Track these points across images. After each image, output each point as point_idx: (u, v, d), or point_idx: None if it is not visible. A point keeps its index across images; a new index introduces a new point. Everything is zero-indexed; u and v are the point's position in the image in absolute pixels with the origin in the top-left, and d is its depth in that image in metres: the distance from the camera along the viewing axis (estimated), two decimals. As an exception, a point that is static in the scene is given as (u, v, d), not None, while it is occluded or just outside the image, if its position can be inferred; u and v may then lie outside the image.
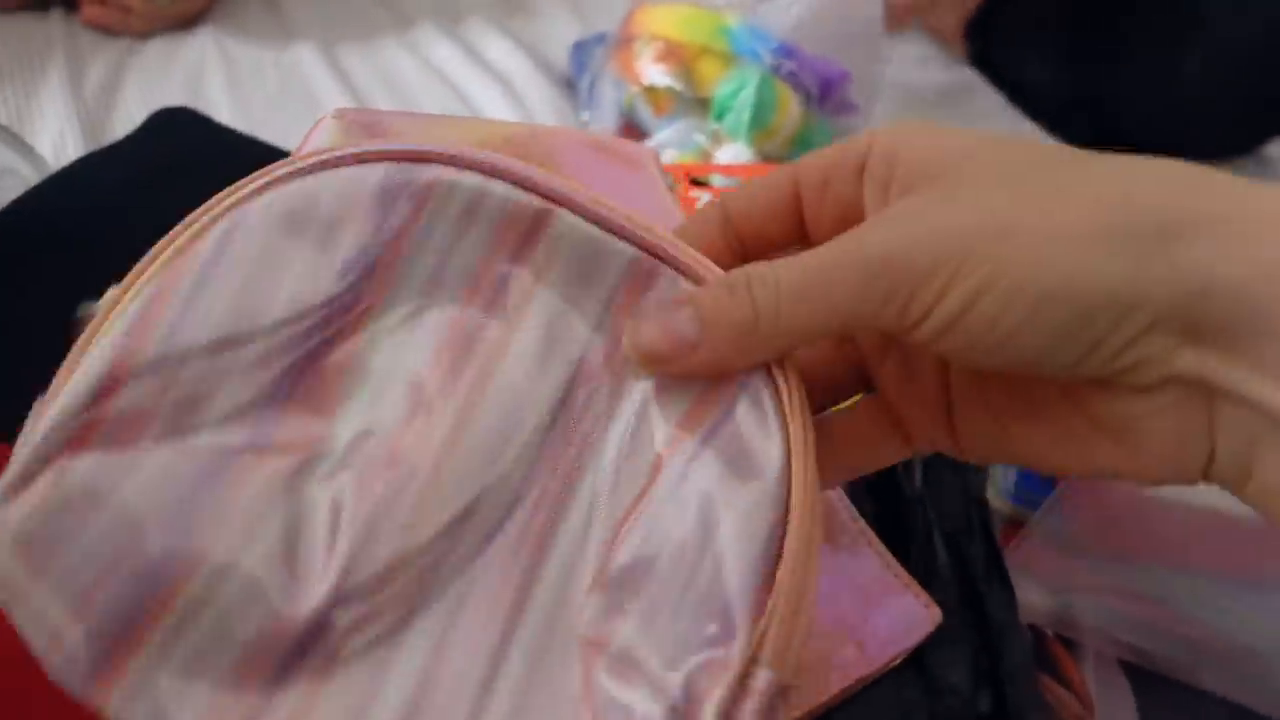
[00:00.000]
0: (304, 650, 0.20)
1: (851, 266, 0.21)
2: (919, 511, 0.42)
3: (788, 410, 0.22)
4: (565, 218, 0.23)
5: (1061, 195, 0.21)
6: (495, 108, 0.66)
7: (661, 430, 0.22)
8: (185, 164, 0.41)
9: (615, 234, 0.23)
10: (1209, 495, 0.41)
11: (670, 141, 0.60)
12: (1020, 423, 0.24)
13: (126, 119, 0.58)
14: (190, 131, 0.44)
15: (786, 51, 0.59)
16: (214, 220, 0.22)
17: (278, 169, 0.23)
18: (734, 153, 0.57)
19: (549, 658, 0.21)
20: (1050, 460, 0.24)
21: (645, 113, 0.61)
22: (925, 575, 0.40)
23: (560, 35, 0.74)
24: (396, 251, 0.22)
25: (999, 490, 0.46)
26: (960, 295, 0.20)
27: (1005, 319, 0.20)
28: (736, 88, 0.58)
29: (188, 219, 0.22)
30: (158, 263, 0.21)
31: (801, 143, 0.61)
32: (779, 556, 0.21)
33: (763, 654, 0.20)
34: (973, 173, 0.22)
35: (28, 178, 0.42)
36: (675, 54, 0.60)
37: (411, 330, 0.23)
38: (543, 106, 0.67)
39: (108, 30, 0.65)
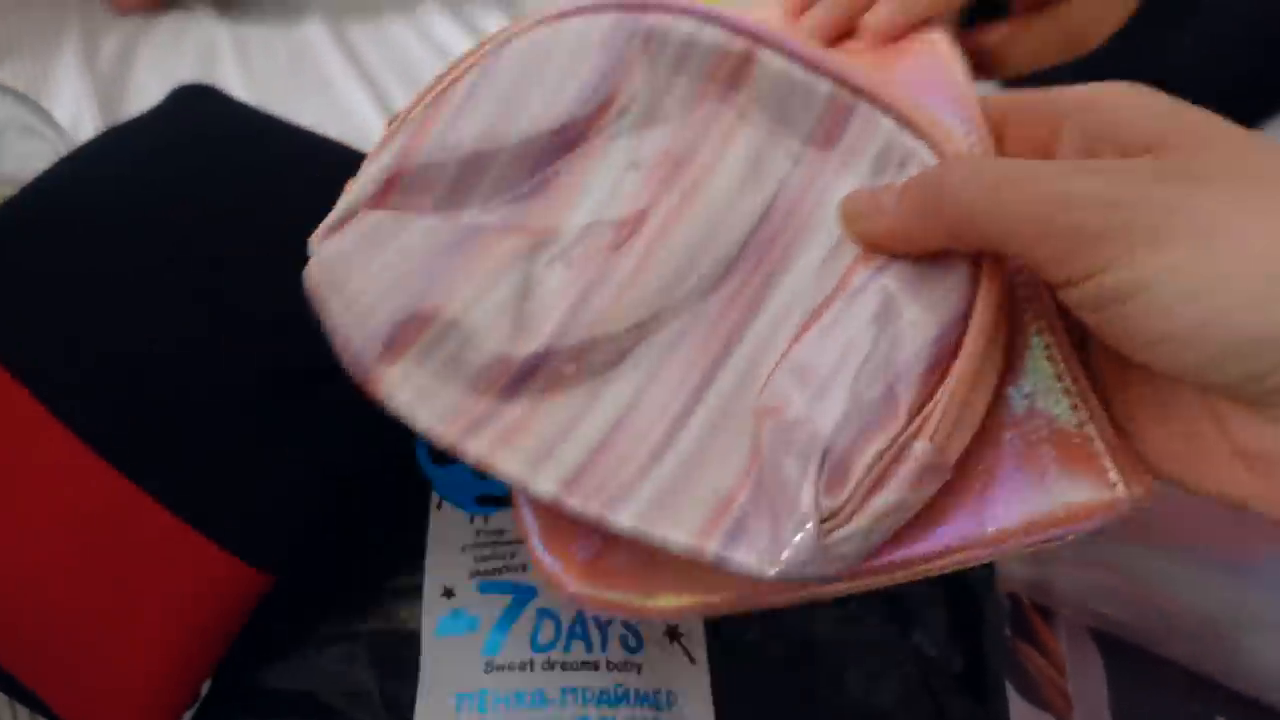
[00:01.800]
0: (525, 379, 0.25)
1: (1046, 197, 0.20)
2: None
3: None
4: (768, 58, 0.26)
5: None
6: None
7: (846, 257, 0.26)
8: (211, 140, 0.42)
9: (815, 72, 0.26)
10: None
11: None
12: (1153, 426, 0.23)
13: (141, 93, 0.60)
14: (214, 108, 0.45)
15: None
16: (470, 66, 0.27)
17: (524, 21, 0.28)
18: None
19: (730, 420, 0.25)
20: (1175, 472, 0.23)
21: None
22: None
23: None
24: (620, 87, 0.27)
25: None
26: (1133, 273, 0.19)
27: (1176, 317, 0.19)
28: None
29: (450, 65, 0.28)
30: (425, 101, 0.27)
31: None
32: (955, 351, 0.24)
33: (925, 429, 0.23)
34: (1203, 164, 0.20)
35: (54, 141, 0.44)
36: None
37: (632, 153, 0.27)
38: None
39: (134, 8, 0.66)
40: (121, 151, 0.44)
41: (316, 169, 0.44)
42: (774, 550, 0.23)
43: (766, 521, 0.23)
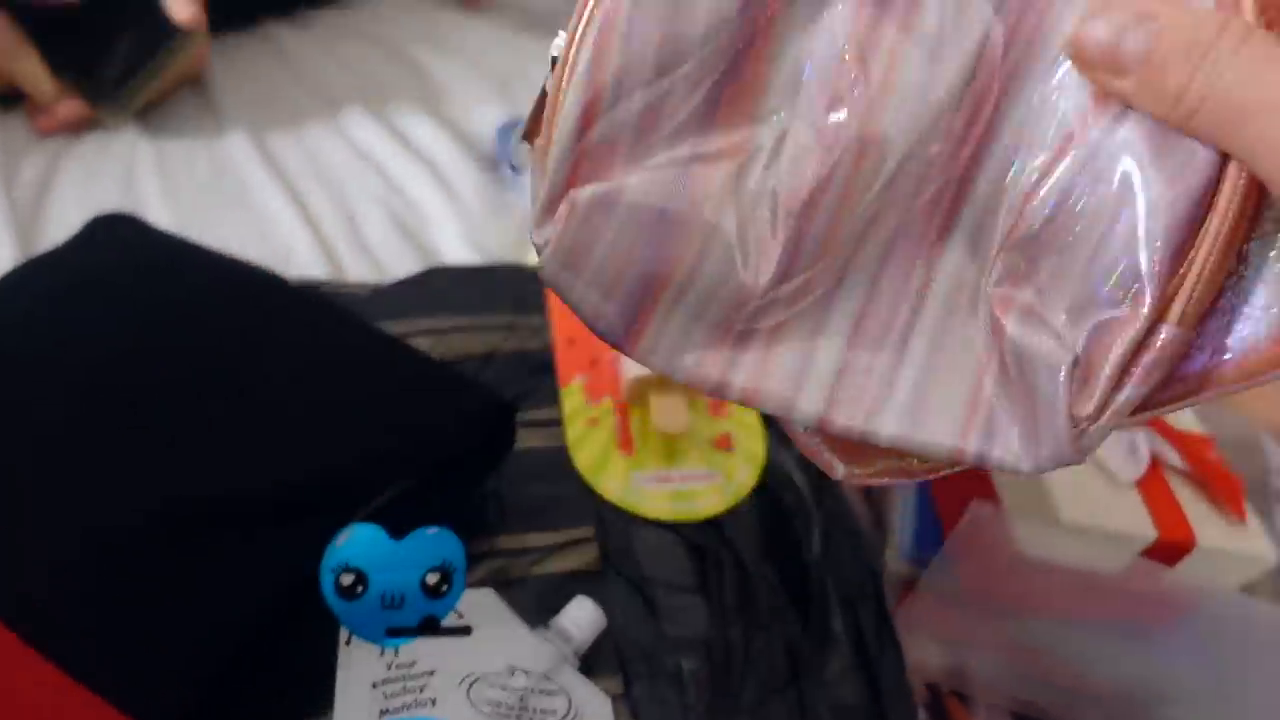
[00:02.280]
0: (765, 310, 0.25)
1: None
2: (817, 577, 0.45)
3: None
4: None
5: None
6: (423, 191, 0.69)
7: (1074, 100, 0.23)
8: (125, 272, 0.43)
9: None
10: (1081, 551, 0.44)
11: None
12: None
13: (59, 218, 0.60)
14: (130, 238, 0.45)
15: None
16: None
17: None
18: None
19: (959, 312, 0.25)
20: None
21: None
22: (821, 640, 0.43)
23: (487, 116, 0.77)
24: None
25: (897, 552, 0.49)
26: None
27: None
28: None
29: None
30: (588, 8, 0.24)
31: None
32: (1202, 222, 0.22)
33: (1170, 313, 0.22)
34: None
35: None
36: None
37: (814, 31, 0.25)
38: (470, 190, 0.69)
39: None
40: (34, 288, 0.44)
41: (232, 296, 0.44)
42: (1030, 451, 0.24)
43: (1018, 422, 0.24)
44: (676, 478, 0.47)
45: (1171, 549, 0.43)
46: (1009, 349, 0.24)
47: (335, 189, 0.68)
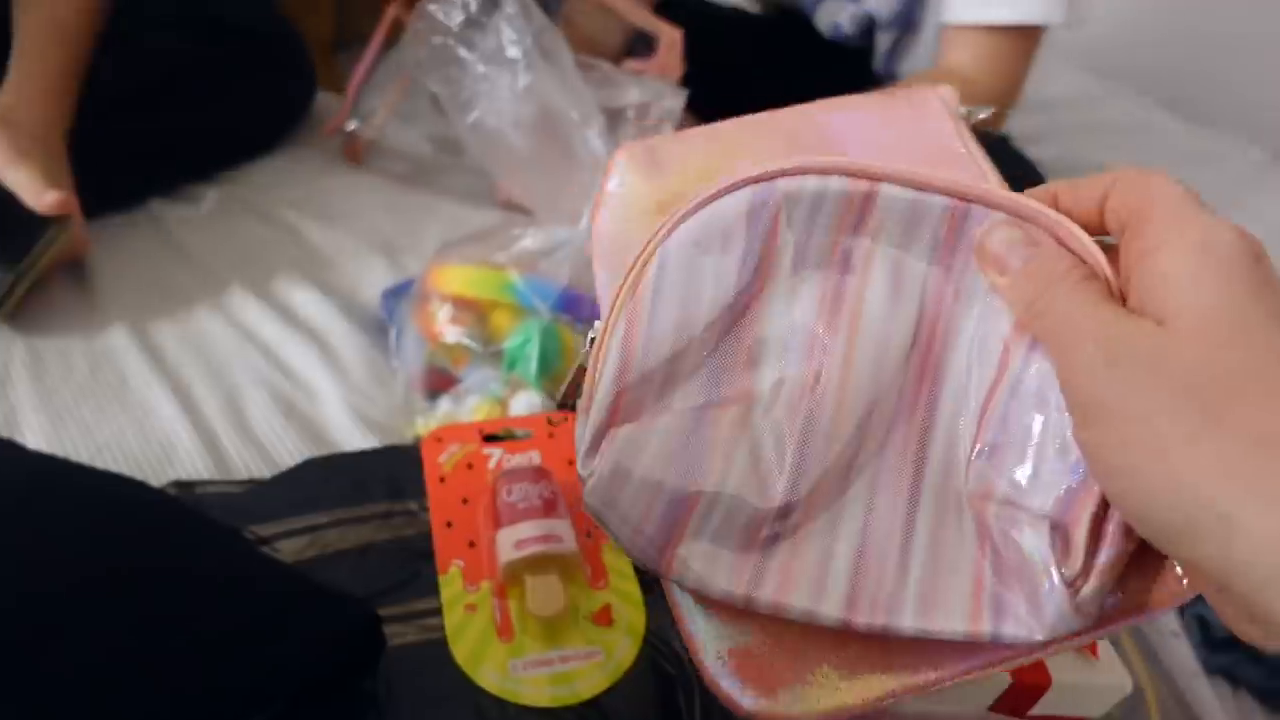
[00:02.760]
0: (779, 527, 0.30)
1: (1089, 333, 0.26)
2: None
3: None
4: (887, 190, 0.31)
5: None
6: (308, 367, 0.70)
7: (1001, 332, 0.30)
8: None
9: (930, 191, 0.31)
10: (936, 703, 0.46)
11: (471, 390, 0.65)
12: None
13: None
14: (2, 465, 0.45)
15: (565, 302, 0.65)
16: (649, 258, 0.31)
17: (680, 211, 0.32)
18: (527, 399, 0.62)
19: (948, 514, 0.30)
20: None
21: (446, 364, 0.66)
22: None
23: (373, 281, 0.79)
24: (771, 247, 0.31)
25: None
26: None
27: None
28: (523, 340, 0.63)
29: (636, 260, 0.32)
30: (620, 297, 0.31)
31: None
32: None
33: None
34: (1176, 333, 0.25)
35: None
36: (470, 309, 0.66)
37: (793, 301, 0.31)
38: (356, 360, 0.71)
39: None
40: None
41: (106, 519, 0.44)
42: (1037, 620, 0.28)
43: (1020, 595, 0.28)
44: (556, 660, 0.47)
45: (1028, 691, 0.45)
46: (997, 537, 0.29)
47: (219, 374, 0.68)
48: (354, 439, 0.64)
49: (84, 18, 0.77)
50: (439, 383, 0.67)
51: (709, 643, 0.31)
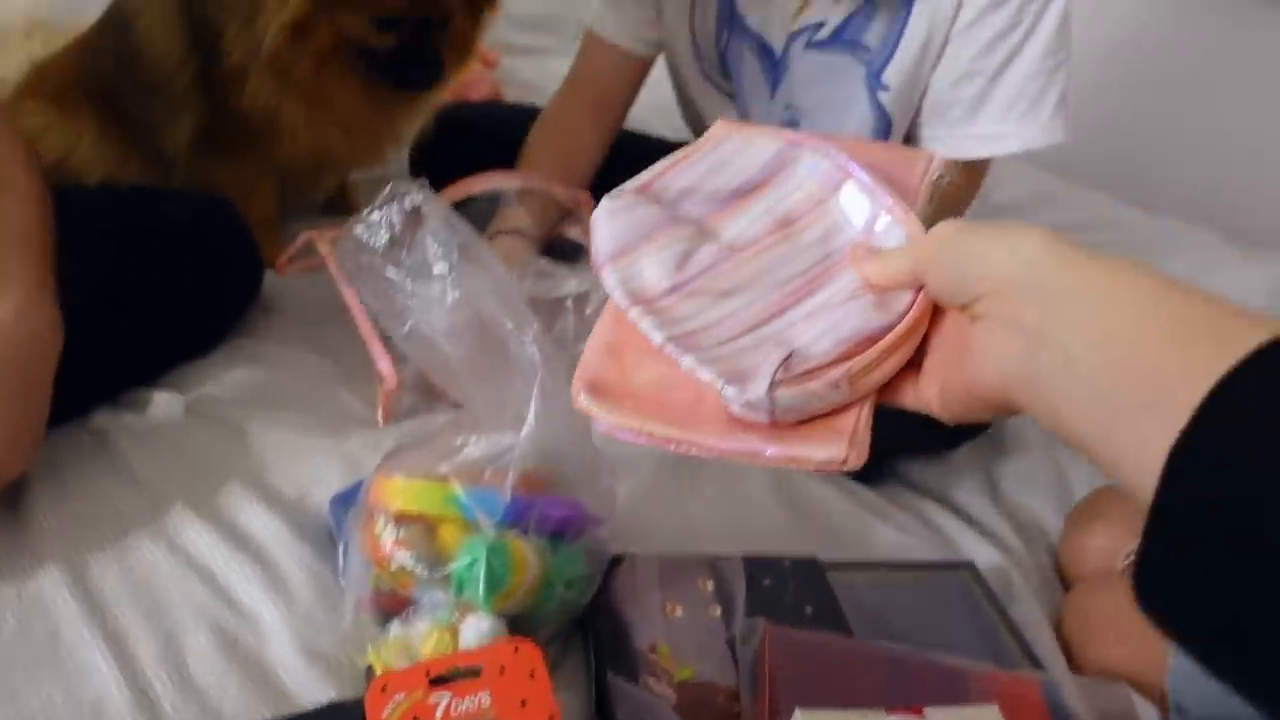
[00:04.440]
0: (671, 292, 0.48)
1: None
2: None
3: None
4: (850, 186, 0.50)
5: None
6: (253, 596, 0.67)
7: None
8: None
9: (875, 194, 0.49)
10: None
11: (422, 612, 0.62)
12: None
13: None
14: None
15: (512, 513, 0.63)
16: (698, 148, 0.56)
17: (734, 125, 0.57)
18: (476, 625, 0.60)
19: (768, 338, 0.46)
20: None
21: (394, 587, 0.63)
22: None
23: (324, 480, 0.77)
24: (773, 178, 0.53)
25: None
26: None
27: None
28: (470, 561, 0.61)
29: (684, 150, 0.57)
30: (680, 157, 0.56)
31: (547, 584, 0.64)
32: (883, 336, 0.43)
33: (849, 366, 0.43)
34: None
35: None
36: (416, 523, 0.64)
37: (767, 210, 0.51)
38: (304, 582, 0.68)
39: None
40: None
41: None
42: (745, 391, 0.41)
43: (749, 379, 0.42)
44: None
45: None
46: (765, 347, 0.45)
47: (159, 614, 0.65)
48: (302, 679, 0.61)
49: (43, 226, 0.75)
50: (389, 604, 0.64)
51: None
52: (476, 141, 1.00)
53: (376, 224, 0.61)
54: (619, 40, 1.13)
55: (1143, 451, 0.30)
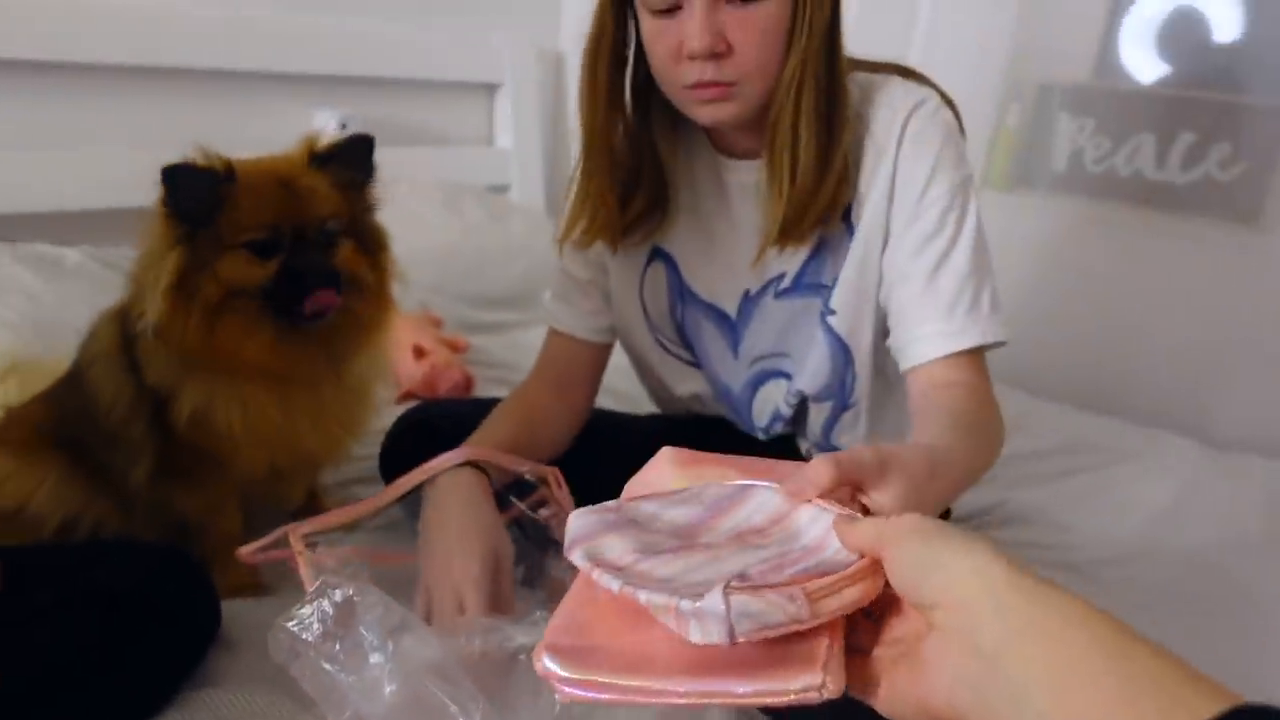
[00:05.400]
0: (630, 565, 0.51)
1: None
2: None
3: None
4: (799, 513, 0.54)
5: None
6: None
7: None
8: None
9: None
10: None
11: None
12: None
13: None
14: None
15: None
16: (674, 492, 0.60)
17: (704, 482, 0.61)
18: None
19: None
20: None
21: None
22: None
23: None
24: (711, 523, 0.55)
25: None
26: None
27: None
28: None
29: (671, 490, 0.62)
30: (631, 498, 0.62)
31: None
32: (836, 571, 0.46)
33: (808, 589, 0.44)
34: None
35: None
36: None
37: (714, 534, 0.54)
38: None
39: None
40: None
41: None
42: (700, 600, 0.43)
43: (705, 593, 0.43)
44: None
45: None
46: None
47: None
48: None
49: None
50: None
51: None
52: (445, 442, 1.00)
53: (308, 618, 0.60)
54: (575, 331, 1.16)
55: None
